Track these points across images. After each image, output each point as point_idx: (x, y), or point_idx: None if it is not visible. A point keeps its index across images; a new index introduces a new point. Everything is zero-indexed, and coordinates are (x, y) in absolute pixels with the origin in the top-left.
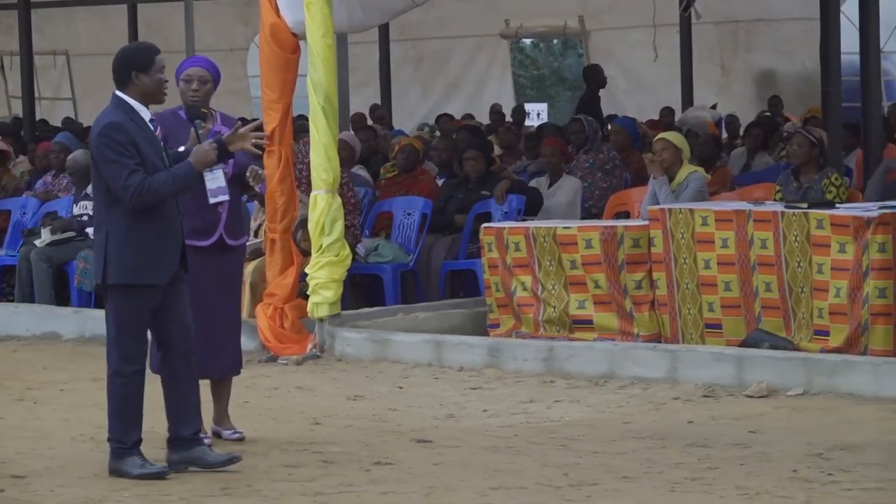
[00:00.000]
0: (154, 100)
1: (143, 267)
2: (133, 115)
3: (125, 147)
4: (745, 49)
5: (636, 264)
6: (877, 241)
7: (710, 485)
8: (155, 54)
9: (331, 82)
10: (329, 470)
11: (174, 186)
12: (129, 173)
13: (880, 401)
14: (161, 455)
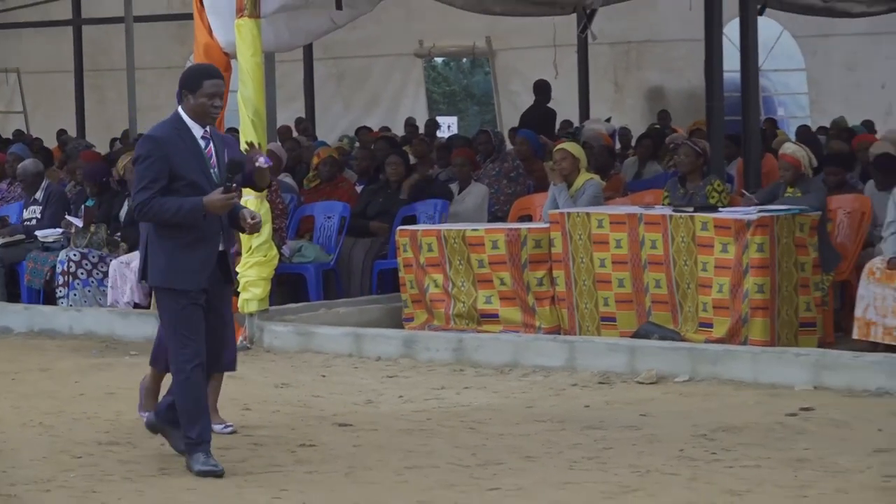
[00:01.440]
0: (203, 120)
1: (172, 272)
2: (182, 130)
3: (152, 160)
4: (637, 67)
5: (538, 263)
6: (756, 242)
7: (605, 463)
8: (205, 78)
9: (259, 97)
10: (258, 452)
11: (176, 216)
12: (141, 188)
13: (759, 386)
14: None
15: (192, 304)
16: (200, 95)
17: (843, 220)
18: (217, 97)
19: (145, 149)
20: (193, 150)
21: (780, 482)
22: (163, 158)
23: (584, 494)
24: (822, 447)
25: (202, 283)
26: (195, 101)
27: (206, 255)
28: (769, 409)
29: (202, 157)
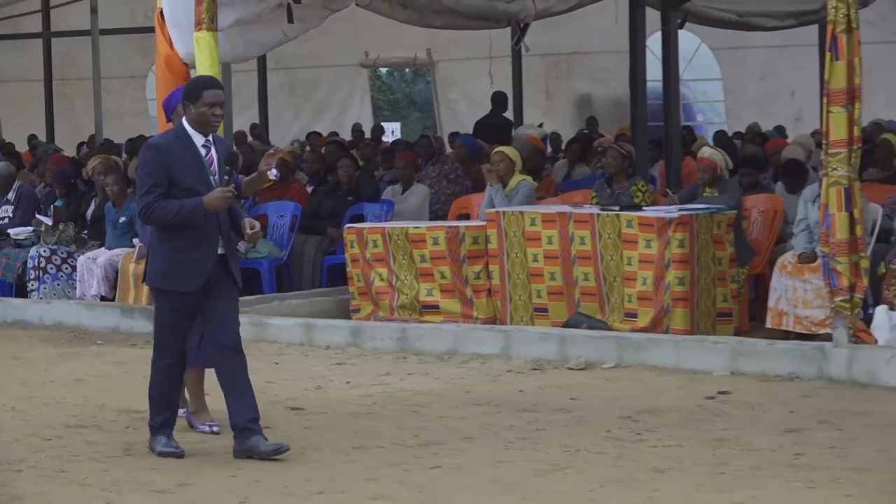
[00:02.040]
0: (204, 128)
1: (167, 275)
2: (183, 139)
3: (152, 166)
4: (566, 77)
5: (475, 258)
6: (677, 238)
7: (537, 443)
8: (204, 89)
9: None
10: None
11: (178, 216)
12: (144, 192)
13: (680, 372)
14: None
15: (181, 309)
16: (201, 105)
17: (757, 218)
18: (217, 106)
19: (145, 157)
20: (193, 157)
21: (699, 460)
22: (162, 165)
23: (518, 472)
24: (738, 428)
25: (199, 284)
26: (196, 110)
27: (203, 259)
28: (689, 392)
29: (202, 165)
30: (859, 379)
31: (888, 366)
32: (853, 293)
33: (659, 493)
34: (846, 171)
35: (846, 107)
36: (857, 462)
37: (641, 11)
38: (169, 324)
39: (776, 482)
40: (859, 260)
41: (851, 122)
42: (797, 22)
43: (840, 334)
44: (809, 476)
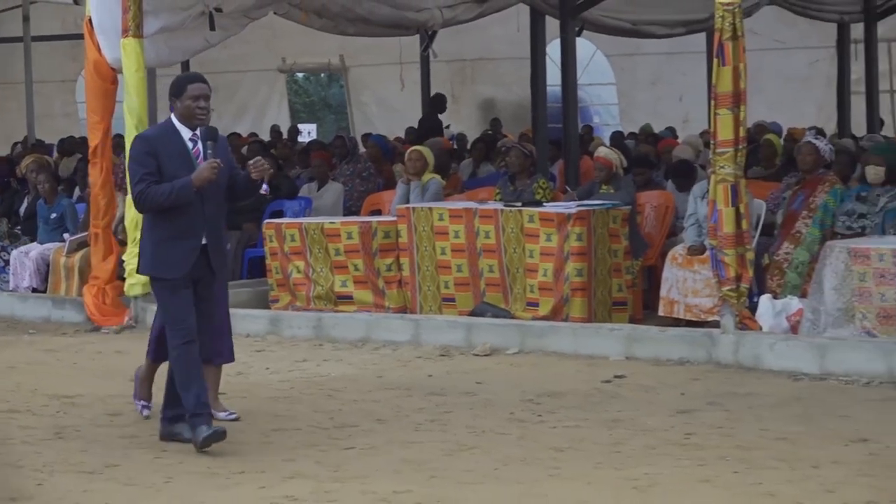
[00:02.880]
0: (190, 121)
1: (155, 262)
2: (171, 133)
3: (142, 156)
4: (471, 82)
5: (387, 251)
6: (575, 232)
7: (445, 425)
8: (189, 83)
9: (143, 108)
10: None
11: (170, 197)
12: (137, 180)
13: (578, 357)
14: None
15: (179, 290)
16: (186, 98)
17: (650, 213)
18: (202, 98)
19: (136, 148)
20: (181, 149)
21: (596, 440)
22: (151, 154)
23: (427, 452)
24: (632, 409)
25: (184, 271)
26: (181, 104)
27: (189, 247)
28: (587, 376)
29: (189, 157)
30: (745, 363)
31: (771, 351)
32: (739, 283)
33: (559, 470)
34: (733, 169)
35: (732, 109)
36: (742, 441)
37: (542, 20)
38: (171, 306)
39: (668, 460)
40: (745, 252)
41: (737, 124)
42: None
43: (727, 321)
44: (699, 454)
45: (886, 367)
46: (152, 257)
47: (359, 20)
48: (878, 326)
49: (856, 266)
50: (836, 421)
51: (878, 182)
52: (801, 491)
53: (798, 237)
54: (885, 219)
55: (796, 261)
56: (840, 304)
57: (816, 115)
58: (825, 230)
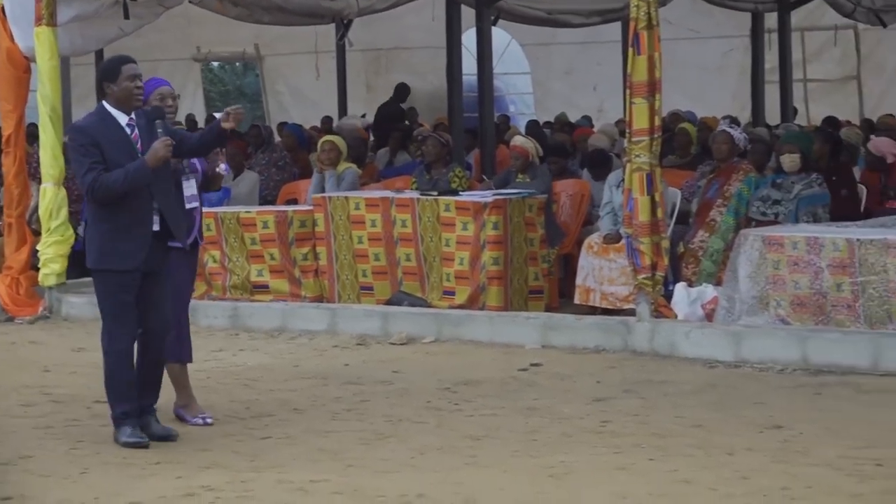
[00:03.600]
0: (128, 105)
1: (107, 254)
2: (106, 120)
3: (85, 147)
4: (386, 71)
5: (303, 241)
6: (491, 221)
7: (362, 414)
8: (122, 64)
9: (56, 96)
10: (57, 408)
11: (125, 182)
12: (85, 171)
13: (495, 346)
14: None
15: (123, 289)
16: (122, 80)
17: (566, 202)
18: (137, 79)
19: (76, 139)
20: (120, 137)
21: (513, 428)
22: (93, 144)
23: (344, 441)
24: (549, 397)
25: (137, 262)
26: (118, 87)
27: (141, 237)
28: (504, 365)
29: (129, 143)
30: (660, 351)
31: (687, 339)
32: (655, 271)
33: (475, 458)
34: (648, 158)
35: (647, 98)
36: (658, 428)
37: (457, 9)
38: (114, 307)
39: (584, 448)
40: (660, 240)
41: (652, 113)
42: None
43: (643, 309)
44: (615, 442)
45: (800, 355)
46: (101, 249)
47: (274, 9)
48: (792, 314)
49: (770, 254)
50: (751, 408)
51: (793, 170)
52: (716, 478)
53: (713, 225)
54: (799, 206)
55: (711, 249)
56: (754, 292)
57: (731, 103)
58: (739, 218)
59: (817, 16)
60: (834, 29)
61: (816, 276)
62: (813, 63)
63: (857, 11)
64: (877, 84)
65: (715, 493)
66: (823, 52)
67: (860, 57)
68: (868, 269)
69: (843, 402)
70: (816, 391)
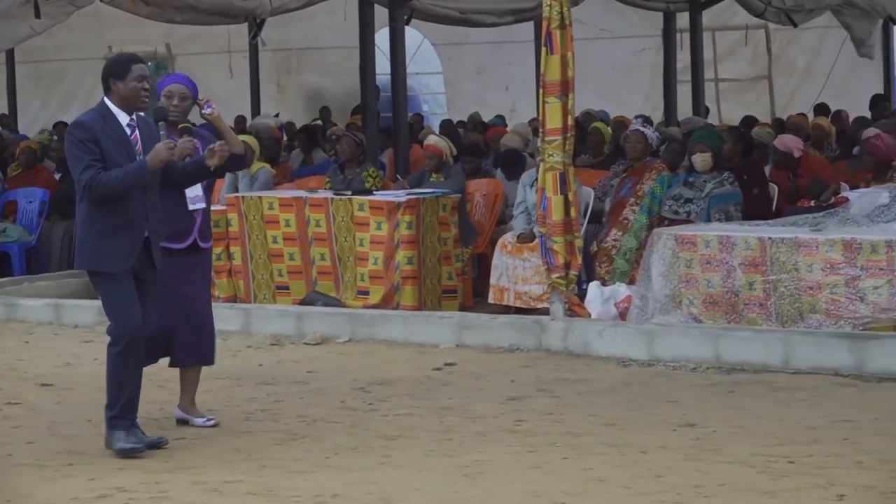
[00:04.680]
0: (132, 106)
1: (99, 256)
2: (108, 118)
3: (85, 144)
4: (297, 71)
5: (216, 240)
6: (405, 221)
7: (276, 414)
8: (132, 63)
9: None
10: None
11: (125, 181)
12: (83, 168)
13: (409, 345)
14: None
15: (123, 284)
16: (130, 80)
17: (480, 202)
18: (146, 80)
19: (76, 135)
20: (120, 136)
21: (427, 427)
22: (94, 141)
23: (258, 441)
24: (463, 397)
25: (129, 264)
26: (125, 86)
27: (132, 240)
28: (418, 364)
29: (128, 144)
30: (574, 350)
31: (600, 337)
32: (568, 270)
33: (390, 458)
34: (561, 157)
35: (560, 97)
36: (572, 427)
37: (370, 8)
38: (119, 301)
39: (499, 447)
40: (574, 239)
41: (566, 112)
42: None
43: (556, 308)
44: (529, 441)
45: (713, 353)
46: (94, 250)
47: (186, 8)
48: (705, 312)
49: (682, 252)
50: (664, 406)
51: (706, 169)
52: (630, 476)
53: (626, 224)
54: (711, 205)
55: (624, 248)
56: (667, 291)
57: (643, 103)
58: (652, 217)
59: (728, 16)
60: (745, 29)
61: (729, 274)
62: (724, 62)
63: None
64: (787, 83)
65: (628, 492)
66: (735, 52)
67: (771, 56)
68: (780, 268)
69: (755, 399)
70: (729, 389)
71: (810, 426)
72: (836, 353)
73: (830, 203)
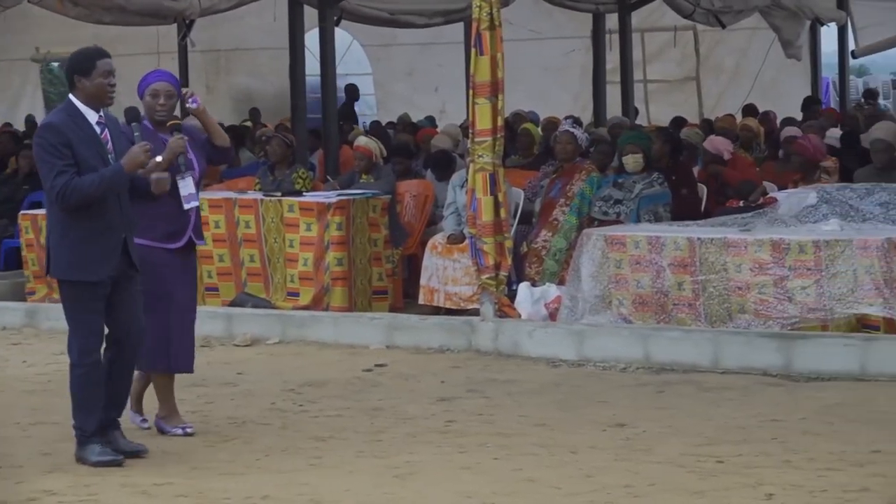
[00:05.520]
0: (99, 102)
1: (77, 265)
2: (76, 118)
3: (56, 148)
4: (226, 72)
5: None
6: (335, 222)
7: (206, 416)
8: (97, 59)
9: None
10: None
11: (100, 187)
12: (56, 174)
13: (339, 346)
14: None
15: (92, 300)
16: (97, 76)
17: (410, 203)
18: (111, 76)
19: (47, 138)
20: (90, 135)
21: (358, 428)
22: (66, 143)
23: (188, 443)
24: (393, 397)
25: (108, 272)
26: (91, 82)
27: (111, 245)
28: (349, 366)
29: (99, 143)
30: (504, 350)
31: (530, 338)
32: (498, 271)
33: (321, 459)
34: (491, 158)
35: (490, 98)
36: (502, 427)
37: (300, 9)
38: (86, 318)
39: (429, 448)
40: (503, 240)
41: (495, 113)
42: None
43: (486, 309)
44: (460, 441)
45: (643, 353)
46: (72, 258)
47: (115, 8)
48: (634, 312)
49: (612, 253)
50: (594, 406)
51: (636, 170)
52: (560, 476)
53: (556, 225)
54: (640, 205)
55: (554, 248)
56: (597, 291)
57: (572, 104)
58: (582, 218)
59: (657, 17)
60: (674, 30)
61: (658, 274)
62: (653, 63)
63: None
64: (715, 84)
65: (559, 492)
66: (663, 53)
67: (699, 58)
68: (708, 268)
69: (684, 399)
70: (659, 389)
71: (739, 426)
72: (764, 353)
73: (759, 203)
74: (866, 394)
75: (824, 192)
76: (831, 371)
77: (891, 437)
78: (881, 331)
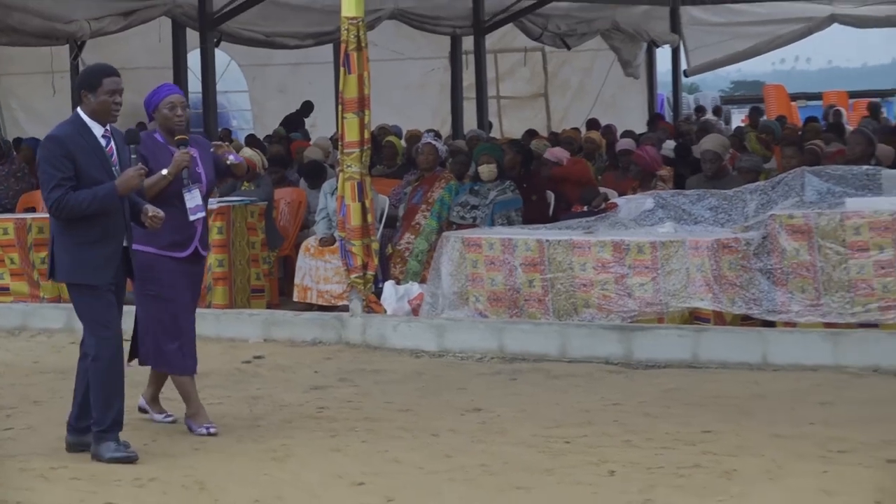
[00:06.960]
0: (103, 118)
1: (79, 268)
2: (82, 130)
3: (58, 160)
4: None
5: (41, 246)
6: (216, 226)
7: None
8: (105, 76)
9: None
10: None
11: (92, 205)
12: (53, 186)
13: (221, 341)
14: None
15: (102, 294)
16: (101, 93)
17: (285, 209)
18: (117, 94)
19: (49, 149)
20: (95, 149)
21: (238, 416)
22: (68, 156)
23: None
24: (271, 387)
25: (105, 280)
26: (96, 99)
27: (112, 251)
28: (229, 358)
29: (104, 156)
30: (372, 343)
31: (395, 331)
32: (366, 271)
33: (204, 444)
34: (358, 168)
35: (358, 113)
36: (370, 413)
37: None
38: (97, 312)
39: (303, 432)
40: (370, 243)
41: (362, 127)
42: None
43: (355, 306)
44: (331, 426)
45: (497, 344)
46: (73, 262)
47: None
48: (489, 308)
49: (469, 254)
50: (453, 393)
51: (491, 179)
52: (423, 457)
53: (418, 228)
54: (494, 210)
55: (416, 250)
56: (456, 289)
57: (432, 118)
58: (442, 222)
59: (509, 39)
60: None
61: (510, 273)
62: (505, 81)
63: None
64: (561, 101)
65: (421, 471)
66: (515, 72)
67: (547, 76)
68: (556, 267)
69: (535, 386)
70: (512, 377)
71: (584, 409)
72: (606, 344)
73: (601, 209)
74: (698, 379)
75: (660, 197)
76: (667, 359)
77: (720, 419)
78: (711, 323)
